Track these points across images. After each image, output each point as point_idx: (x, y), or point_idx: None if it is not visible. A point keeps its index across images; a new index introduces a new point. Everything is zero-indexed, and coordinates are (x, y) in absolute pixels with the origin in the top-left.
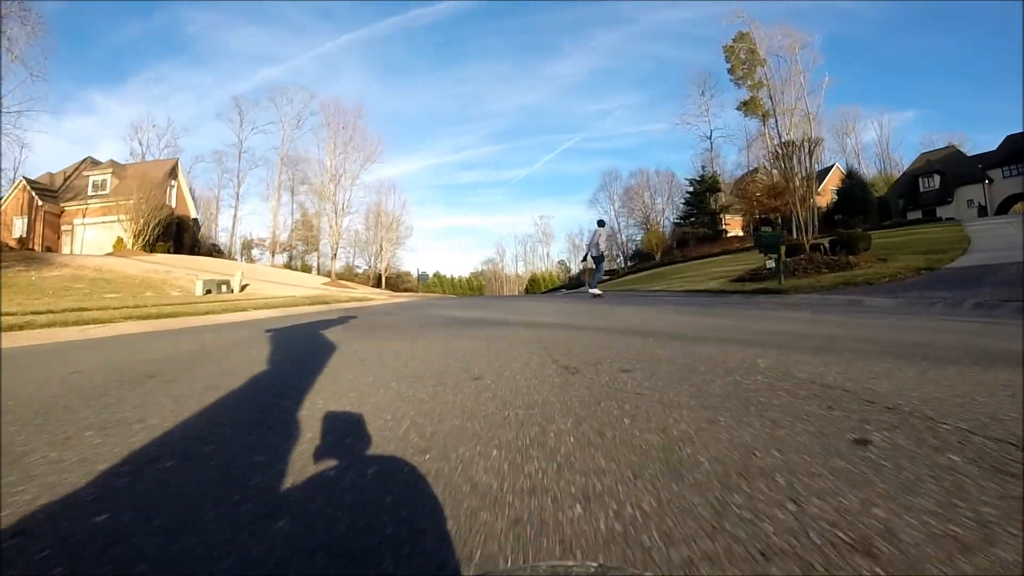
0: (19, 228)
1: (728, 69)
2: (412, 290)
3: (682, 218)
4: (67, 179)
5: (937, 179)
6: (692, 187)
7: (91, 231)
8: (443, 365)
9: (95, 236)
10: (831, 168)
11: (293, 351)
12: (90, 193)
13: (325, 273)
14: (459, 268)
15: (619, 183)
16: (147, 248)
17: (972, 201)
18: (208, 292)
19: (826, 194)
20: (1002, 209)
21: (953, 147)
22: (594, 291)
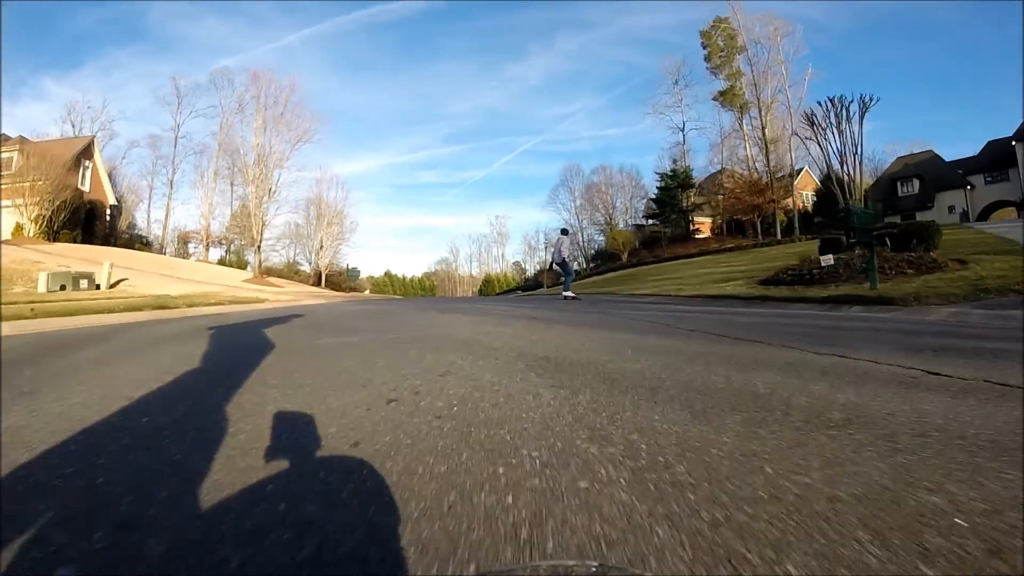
0: None
1: (704, 56)
2: (356, 289)
3: (650, 216)
4: None
5: (916, 183)
6: (663, 182)
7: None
8: None
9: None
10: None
11: None
12: None
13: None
14: (412, 268)
15: (580, 179)
16: (48, 236)
17: (954, 207)
18: (62, 288)
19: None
20: (983, 216)
21: (931, 152)
22: (568, 293)
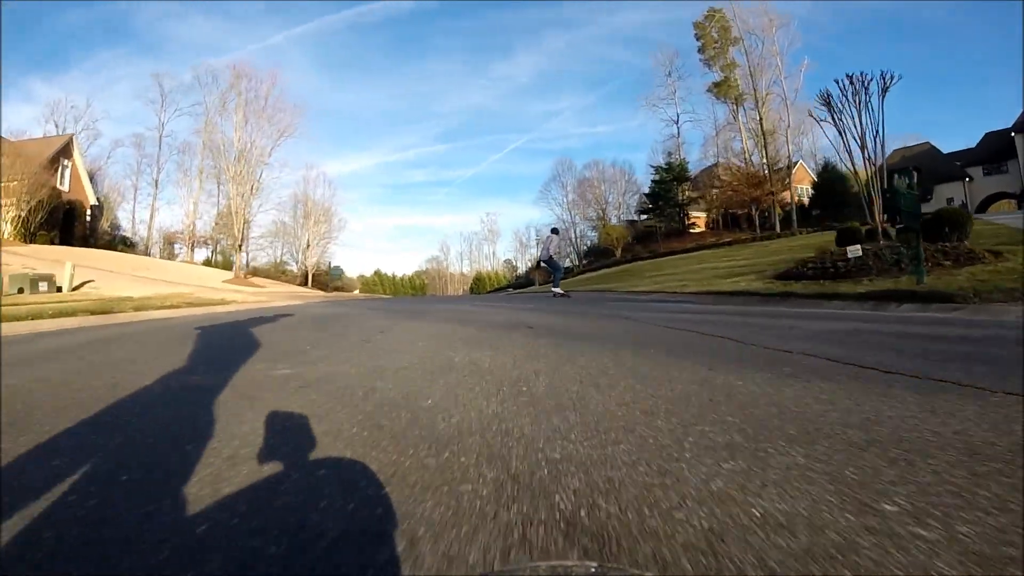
0: None
1: (698, 48)
2: (343, 289)
3: (645, 211)
4: None
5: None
6: (658, 175)
7: None
8: None
9: None
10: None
11: None
12: None
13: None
14: (403, 267)
15: (572, 173)
16: (25, 238)
17: (952, 200)
18: (20, 291)
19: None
20: (981, 208)
21: (928, 144)
22: (556, 290)
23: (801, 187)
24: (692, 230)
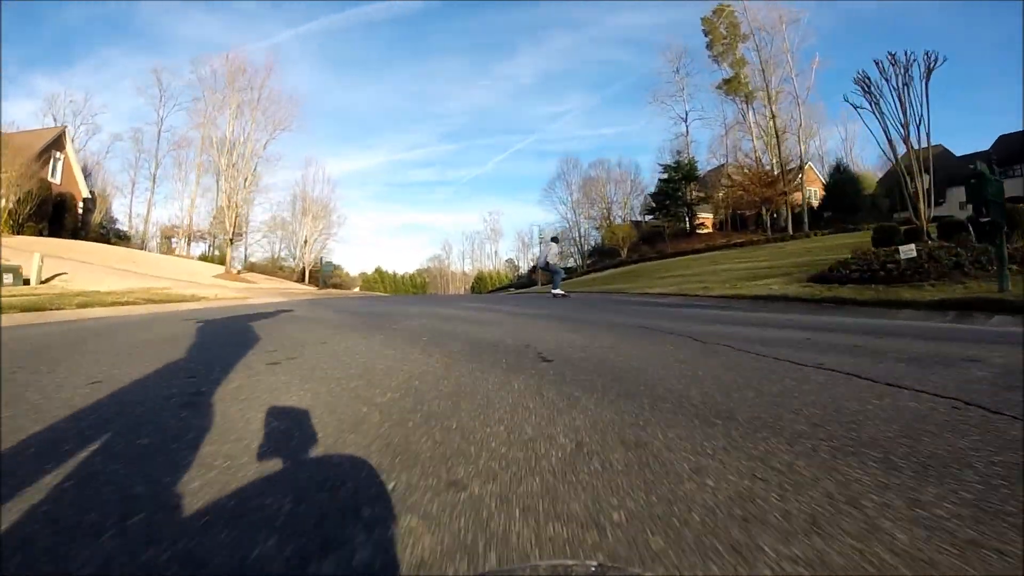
0: None
1: (707, 44)
2: (340, 286)
3: (651, 210)
4: None
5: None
6: (666, 174)
7: None
8: None
9: None
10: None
11: None
12: None
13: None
14: (404, 265)
15: (578, 172)
16: (13, 229)
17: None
18: None
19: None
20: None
21: (940, 146)
22: (556, 291)
23: (811, 189)
24: (700, 231)
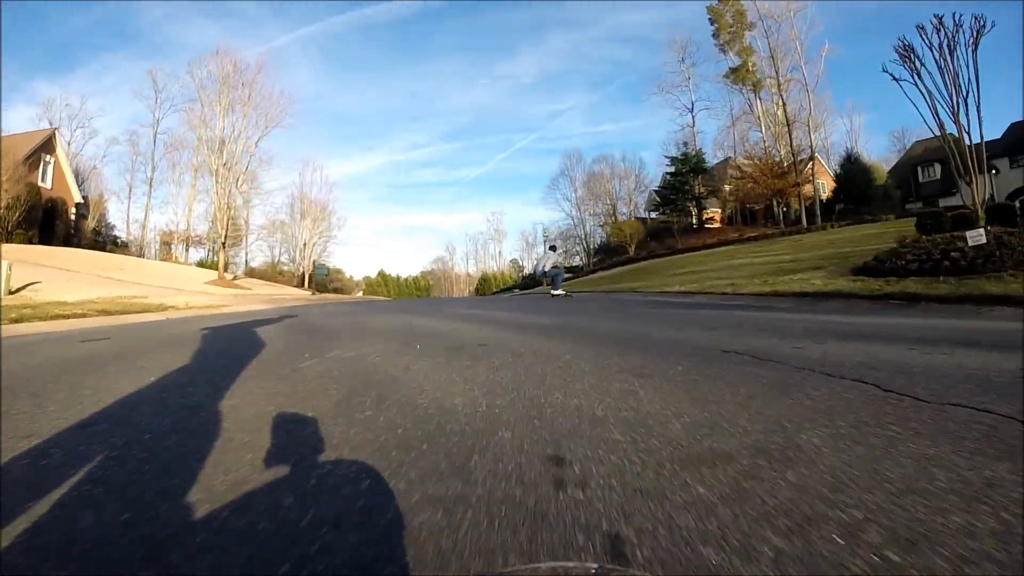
0: None
1: (712, 33)
2: (341, 290)
3: (658, 205)
4: None
5: (938, 168)
6: (673, 167)
7: None
8: None
9: None
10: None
11: None
12: None
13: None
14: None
15: (582, 167)
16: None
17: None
18: None
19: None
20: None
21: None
22: (557, 292)
23: (819, 182)
24: (709, 225)
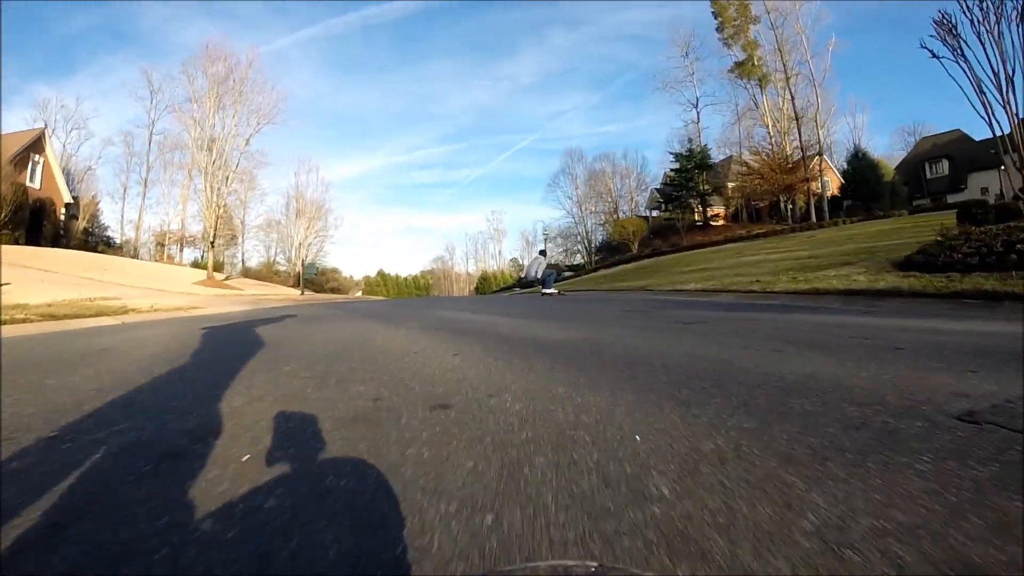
0: None
1: (716, 27)
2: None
3: (663, 201)
4: None
5: (946, 164)
6: (678, 162)
7: None
8: None
9: None
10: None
11: None
12: None
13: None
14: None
15: (583, 165)
16: None
17: (987, 189)
18: None
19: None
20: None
21: (958, 131)
22: (548, 290)
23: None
24: (714, 222)
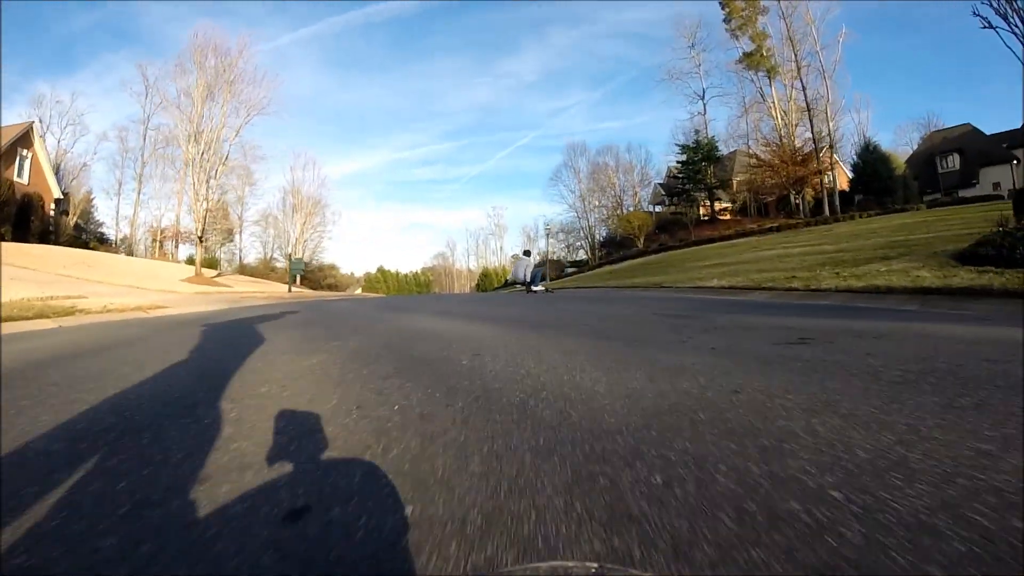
0: None
1: (724, 18)
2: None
3: (671, 194)
4: None
5: (957, 159)
6: (684, 155)
7: None
8: None
9: None
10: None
11: None
12: None
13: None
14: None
15: (585, 158)
16: None
17: (999, 184)
18: None
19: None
20: None
21: (969, 125)
22: (536, 287)
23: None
24: (722, 216)
